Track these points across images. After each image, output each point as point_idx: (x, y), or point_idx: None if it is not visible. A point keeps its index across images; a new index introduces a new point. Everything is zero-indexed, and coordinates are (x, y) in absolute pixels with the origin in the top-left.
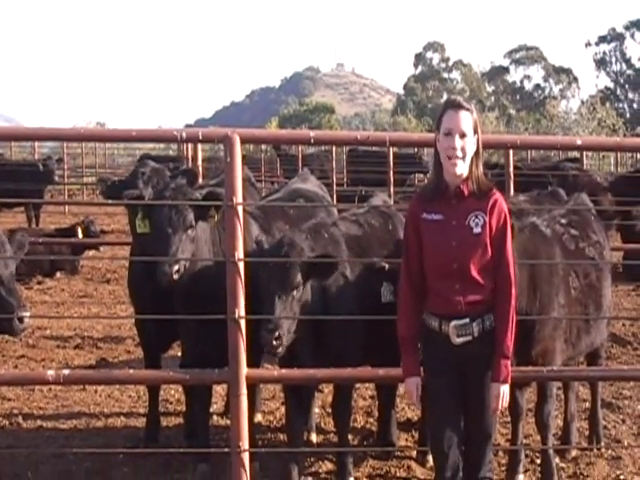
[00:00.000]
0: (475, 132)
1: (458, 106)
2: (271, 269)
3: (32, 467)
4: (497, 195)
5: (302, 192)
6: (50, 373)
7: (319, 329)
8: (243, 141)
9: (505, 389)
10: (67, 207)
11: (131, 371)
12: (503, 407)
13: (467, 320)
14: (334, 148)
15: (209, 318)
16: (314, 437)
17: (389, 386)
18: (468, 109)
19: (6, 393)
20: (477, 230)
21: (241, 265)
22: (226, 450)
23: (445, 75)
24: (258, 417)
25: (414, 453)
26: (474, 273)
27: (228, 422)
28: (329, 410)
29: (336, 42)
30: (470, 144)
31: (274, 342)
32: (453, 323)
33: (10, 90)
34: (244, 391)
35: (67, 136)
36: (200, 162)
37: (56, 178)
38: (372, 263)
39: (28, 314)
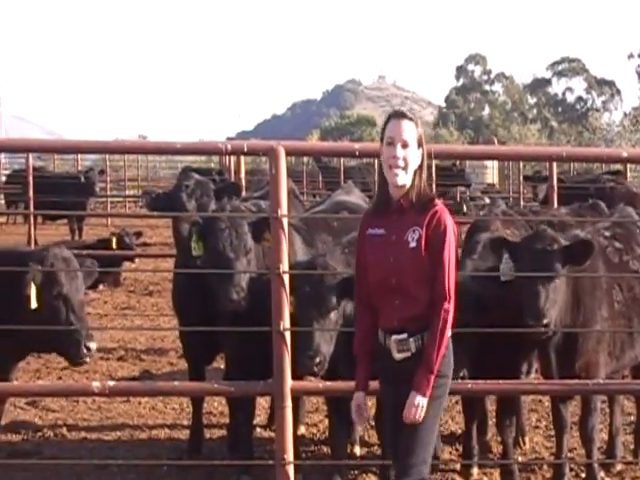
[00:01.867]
0: (420, 145)
1: (401, 116)
2: (307, 293)
3: (76, 478)
4: (438, 207)
5: (346, 204)
6: (95, 385)
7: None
8: (288, 153)
9: (422, 402)
10: (109, 219)
11: (176, 383)
12: (416, 419)
13: (405, 336)
14: (376, 161)
15: (253, 330)
16: (357, 450)
17: None
18: (412, 119)
19: (50, 404)
20: (412, 245)
21: (286, 277)
22: (270, 462)
23: (487, 87)
24: (301, 429)
25: (458, 466)
26: (412, 288)
27: (271, 434)
28: (372, 423)
29: (377, 55)
30: (413, 155)
31: (315, 368)
32: (393, 338)
33: (52, 103)
34: (289, 403)
35: (112, 149)
36: (243, 174)
37: (97, 190)
38: None
39: (95, 345)
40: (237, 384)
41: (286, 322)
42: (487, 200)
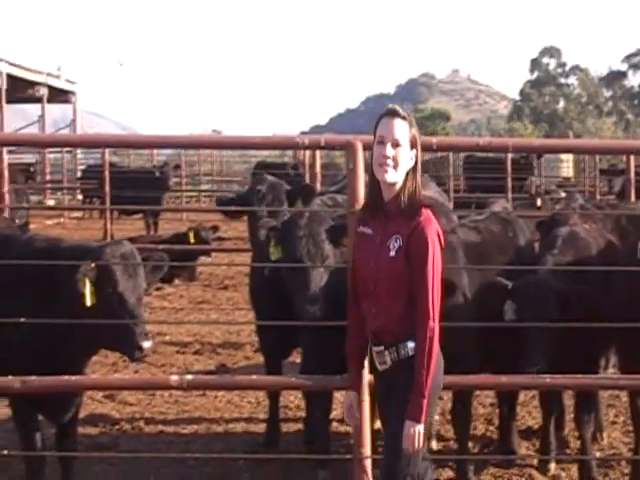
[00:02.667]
0: (413, 146)
1: (393, 114)
2: None
3: (154, 471)
4: (423, 217)
5: None
6: (174, 378)
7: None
8: (365, 148)
9: (418, 429)
10: (185, 214)
11: (254, 377)
12: (416, 449)
13: (382, 348)
14: (450, 154)
15: (330, 325)
16: (434, 444)
17: (509, 393)
18: (404, 118)
19: (127, 398)
20: (392, 254)
21: None
22: (348, 457)
23: (562, 80)
24: (378, 424)
25: (535, 461)
26: (387, 298)
27: (348, 429)
28: (449, 417)
29: (451, 48)
30: (404, 155)
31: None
32: (373, 349)
33: (127, 99)
34: (366, 397)
35: (190, 143)
36: (318, 169)
37: (171, 185)
38: (493, 281)
39: (149, 343)
40: (315, 378)
41: None
42: (562, 194)
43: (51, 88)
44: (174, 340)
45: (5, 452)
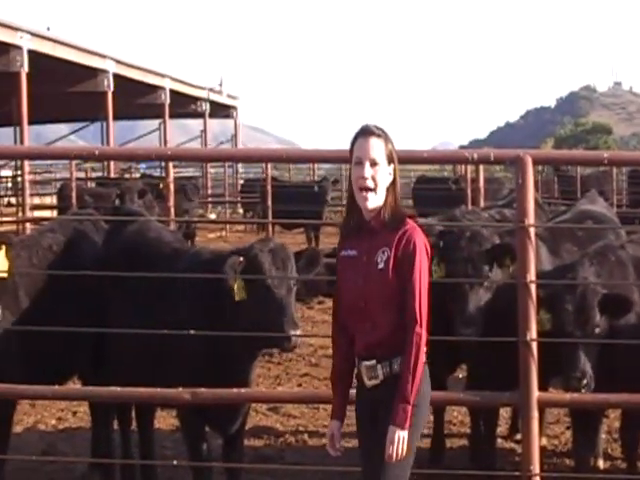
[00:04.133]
0: (390, 162)
1: (368, 133)
2: (570, 312)
3: None
4: (409, 226)
5: (590, 214)
6: None
7: (608, 353)
8: (535, 162)
9: (402, 435)
10: None
11: None
12: (399, 455)
13: (374, 362)
14: (614, 169)
15: (496, 340)
16: (601, 463)
17: None
18: (380, 136)
19: (291, 410)
20: (380, 266)
21: (532, 287)
22: (516, 474)
23: None
24: (543, 441)
25: None
26: (380, 312)
27: (512, 445)
28: (616, 436)
29: (613, 60)
30: (383, 173)
31: (583, 390)
32: (363, 364)
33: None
34: (535, 414)
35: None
36: (482, 183)
37: (329, 199)
38: None
39: (297, 332)
40: (483, 394)
41: (532, 332)
42: None
43: (213, 103)
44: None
45: (174, 462)
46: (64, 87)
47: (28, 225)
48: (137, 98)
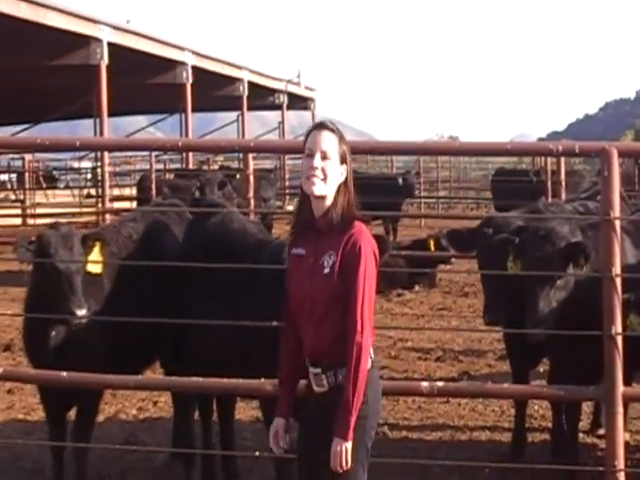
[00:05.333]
0: (343, 161)
1: (321, 127)
2: None
3: (399, 477)
4: (356, 230)
5: None
6: (424, 385)
7: None
8: (620, 155)
9: (344, 446)
10: (422, 221)
11: (505, 385)
12: (343, 467)
13: (319, 370)
14: None
15: (581, 334)
16: None
17: None
18: (333, 131)
19: None
20: (326, 271)
21: (618, 281)
22: (600, 469)
23: None
24: (626, 436)
25: None
26: (324, 317)
27: (594, 440)
28: None
29: None
30: (334, 168)
31: None
32: (310, 370)
33: (364, 105)
34: (620, 409)
35: (435, 149)
36: (563, 175)
37: (415, 192)
38: None
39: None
40: (567, 388)
41: (618, 326)
42: None
43: (291, 95)
44: (416, 346)
45: (257, 454)
46: (143, 79)
47: (108, 216)
48: (215, 90)
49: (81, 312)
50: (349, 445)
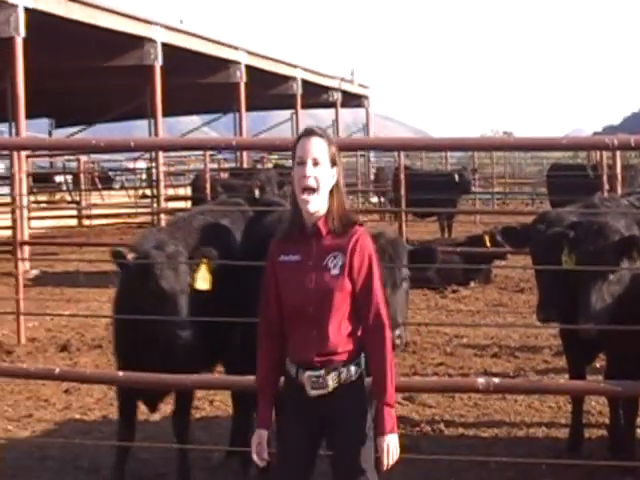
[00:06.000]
0: (334, 164)
1: (310, 133)
2: None
3: (454, 474)
4: (360, 232)
5: None
6: (480, 381)
7: None
8: None
9: (393, 439)
10: (477, 217)
11: (562, 381)
12: (394, 460)
13: (322, 372)
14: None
15: (638, 329)
16: None
17: None
18: (322, 136)
19: (427, 400)
20: (335, 272)
21: None
22: None
23: None
24: None
25: None
26: (332, 319)
27: None
28: None
29: None
30: (326, 174)
31: None
32: (307, 374)
33: (417, 102)
34: None
35: (489, 145)
36: (619, 170)
37: (472, 188)
38: None
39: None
40: (624, 384)
41: None
42: None
43: (344, 93)
44: (471, 343)
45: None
46: (197, 79)
47: (163, 216)
48: (269, 89)
49: (185, 334)
50: (396, 438)
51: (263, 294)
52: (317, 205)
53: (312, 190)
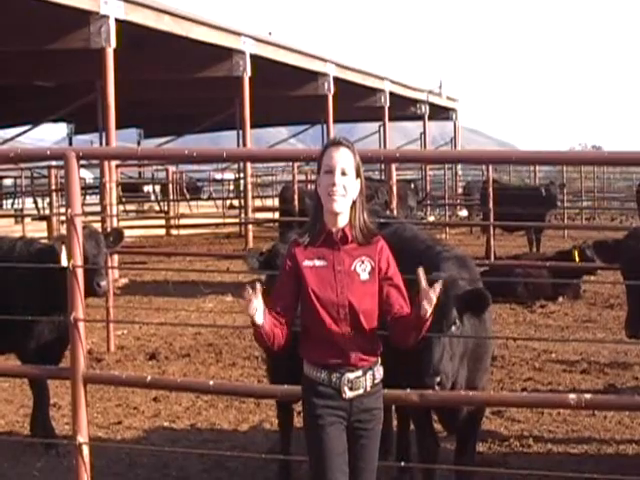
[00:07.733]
0: (358, 175)
1: (338, 144)
2: None
3: None
4: (383, 242)
5: None
6: (572, 397)
7: None
8: None
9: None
10: (566, 231)
11: None
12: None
13: (360, 373)
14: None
15: None
16: None
17: None
18: (349, 147)
19: (515, 415)
20: (365, 276)
21: None
22: None
23: None
24: None
25: None
26: (363, 321)
27: None
28: None
29: None
30: (352, 184)
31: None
32: (346, 376)
33: (505, 116)
34: None
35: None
36: None
37: (558, 203)
38: None
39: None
40: None
41: None
42: None
43: (432, 105)
44: (560, 358)
45: (402, 464)
46: (285, 91)
47: (250, 227)
48: (357, 101)
49: None
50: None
51: (278, 287)
52: (342, 207)
53: (340, 195)
